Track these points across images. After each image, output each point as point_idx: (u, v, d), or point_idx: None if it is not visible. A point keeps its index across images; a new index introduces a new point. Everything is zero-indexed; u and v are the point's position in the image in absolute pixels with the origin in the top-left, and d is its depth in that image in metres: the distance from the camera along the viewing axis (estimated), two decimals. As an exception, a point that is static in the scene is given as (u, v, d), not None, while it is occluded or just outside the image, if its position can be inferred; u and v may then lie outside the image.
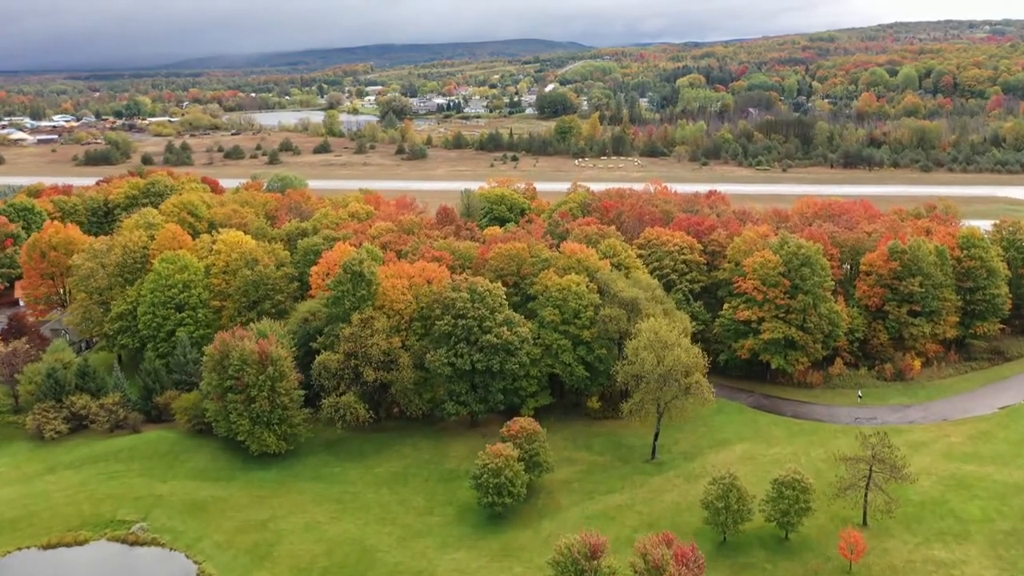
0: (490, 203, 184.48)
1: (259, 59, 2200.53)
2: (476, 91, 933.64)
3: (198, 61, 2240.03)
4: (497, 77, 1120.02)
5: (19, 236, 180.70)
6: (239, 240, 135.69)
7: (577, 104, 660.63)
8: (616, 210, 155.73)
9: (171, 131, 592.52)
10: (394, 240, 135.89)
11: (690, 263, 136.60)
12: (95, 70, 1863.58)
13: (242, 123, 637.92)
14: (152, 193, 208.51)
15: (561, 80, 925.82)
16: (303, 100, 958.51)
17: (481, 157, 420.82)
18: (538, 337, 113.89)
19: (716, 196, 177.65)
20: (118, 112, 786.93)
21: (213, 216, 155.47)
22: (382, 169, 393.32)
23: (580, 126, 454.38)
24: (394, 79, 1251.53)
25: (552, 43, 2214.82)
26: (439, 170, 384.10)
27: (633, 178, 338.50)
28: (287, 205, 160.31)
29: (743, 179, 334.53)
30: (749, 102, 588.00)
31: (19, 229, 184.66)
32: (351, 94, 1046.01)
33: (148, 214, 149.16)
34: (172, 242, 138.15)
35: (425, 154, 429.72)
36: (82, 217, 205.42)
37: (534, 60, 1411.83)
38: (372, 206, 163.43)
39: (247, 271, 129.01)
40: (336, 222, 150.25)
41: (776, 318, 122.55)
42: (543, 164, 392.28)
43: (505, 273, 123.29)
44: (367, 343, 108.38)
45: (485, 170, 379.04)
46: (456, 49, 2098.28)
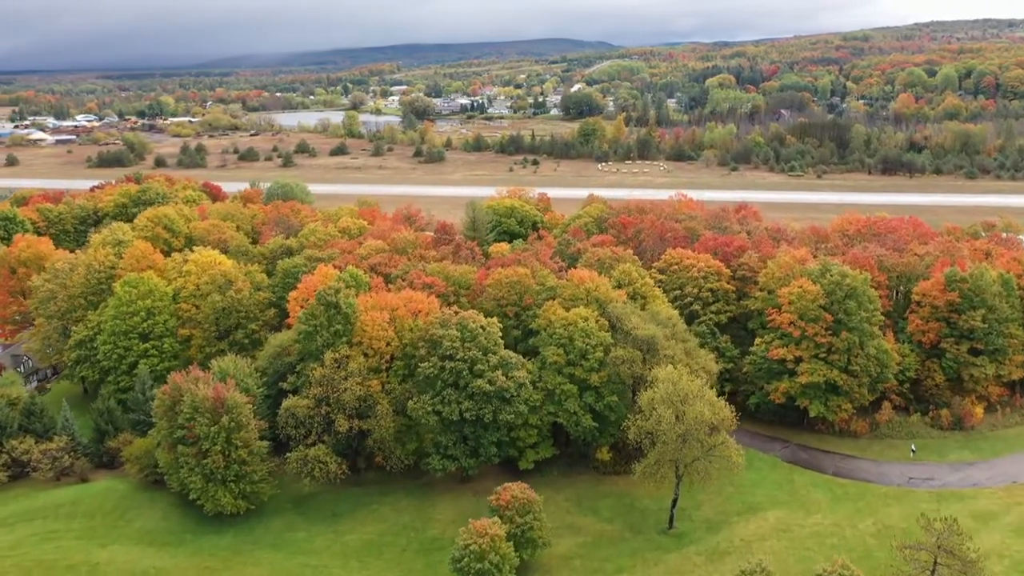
0: (498, 216, 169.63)
1: (290, 58, 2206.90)
2: (501, 91, 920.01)
3: (230, 60, 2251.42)
4: (523, 77, 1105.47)
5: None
6: (212, 260, 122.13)
7: (603, 105, 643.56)
8: (634, 227, 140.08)
9: (190, 132, 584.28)
10: (384, 262, 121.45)
11: (717, 291, 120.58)
12: (128, 69, 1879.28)
13: (261, 124, 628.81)
14: (142, 202, 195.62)
15: (588, 80, 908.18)
16: (327, 100, 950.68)
17: (501, 160, 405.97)
18: (539, 380, 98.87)
19: (747, 211, 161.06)
20: (141, 112, 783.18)
21: (192, 231, 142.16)
22: (397, 173, 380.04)
23: (604, 128, 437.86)
24: (420, 79, 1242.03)
25: (581, 42, 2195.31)
26: (456, 174, 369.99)
27: (658, 184, 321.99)
28: (275, 219, 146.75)
29: (775, 186, 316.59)
30: (781, 103, 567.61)
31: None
32: (375, 94, 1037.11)
33: (118, 229, 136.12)
34: (141, 261, 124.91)
35: (443, 157, 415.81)
36: (68, 227, 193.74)
37: (561, 60, 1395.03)
38: (367, 220, 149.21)
39: (217, 296, 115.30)
40: (324, 239, 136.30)
41: (816, 358, 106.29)
42: (564, 168, 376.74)
43: (505, 303, 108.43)
44: (340, 387, 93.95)
45: (503, 174, 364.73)
46: (484, 49, 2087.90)
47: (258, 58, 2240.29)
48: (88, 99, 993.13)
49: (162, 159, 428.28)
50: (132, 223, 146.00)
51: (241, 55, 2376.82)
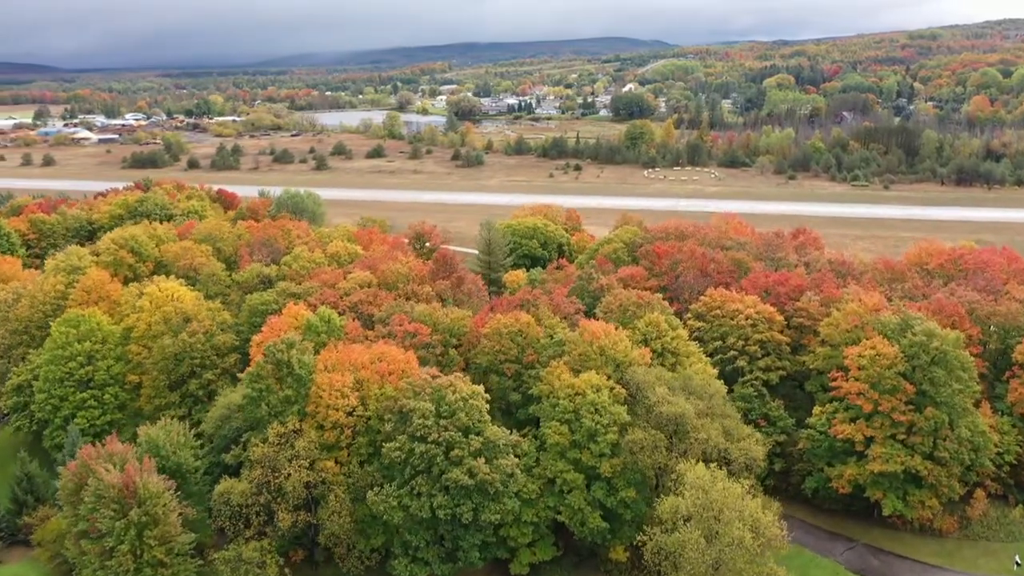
0: (518, 237, 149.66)
1: (346, 57, 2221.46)
2: (550, 91, 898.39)
3: (289, 59, 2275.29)
4: (575, 76, 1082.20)
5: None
6: (170, 294, 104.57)
7: (654, 106, 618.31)
8: (671, 259, 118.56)
9: (232, 132, 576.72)
10: (367, 300, 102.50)
11: (767, 343, 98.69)
12: (188, 68, 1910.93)
13: (304, 124, 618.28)
14: (139, 213, 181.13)
15: (640, 80, 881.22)
16: (374, 100, 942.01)
17: (541, 165, 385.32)
18: (537, 463, 78.79)
19: (805, 236, 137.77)
20: (188, 111, 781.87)
21: (163, 255, 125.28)
22: (431, 178, 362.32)
23: (652, 131, 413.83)
24: (470, 78, 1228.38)
25: (636, 41, 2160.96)
26: (493, 180, 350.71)
27: (708, 194, 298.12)
28: (260, 240, 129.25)
29: (836, 198, 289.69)
30: (843, 105, 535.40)
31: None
32: (424, 93, 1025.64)
33: (73, 253, 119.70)
34: (93, 293, 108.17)
35: (482, 161, 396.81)
36: (59, 240, 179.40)
37: (615, 59, 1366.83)
38: (361, 245, 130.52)
39: (167, 340, 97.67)
40: (309, 268, 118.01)
41: (892, 440, 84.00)
42: (608, 174, 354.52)
43: (504, 358, 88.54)
44: (283, 470, 75.12)
45: (543, 180, 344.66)
46: (538, 48, 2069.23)
47: (317, 57, 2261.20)
48: (143, 97, 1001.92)
49: (195, 160, 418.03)
50: (95, 245, 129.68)
51: (300, 54, 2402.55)
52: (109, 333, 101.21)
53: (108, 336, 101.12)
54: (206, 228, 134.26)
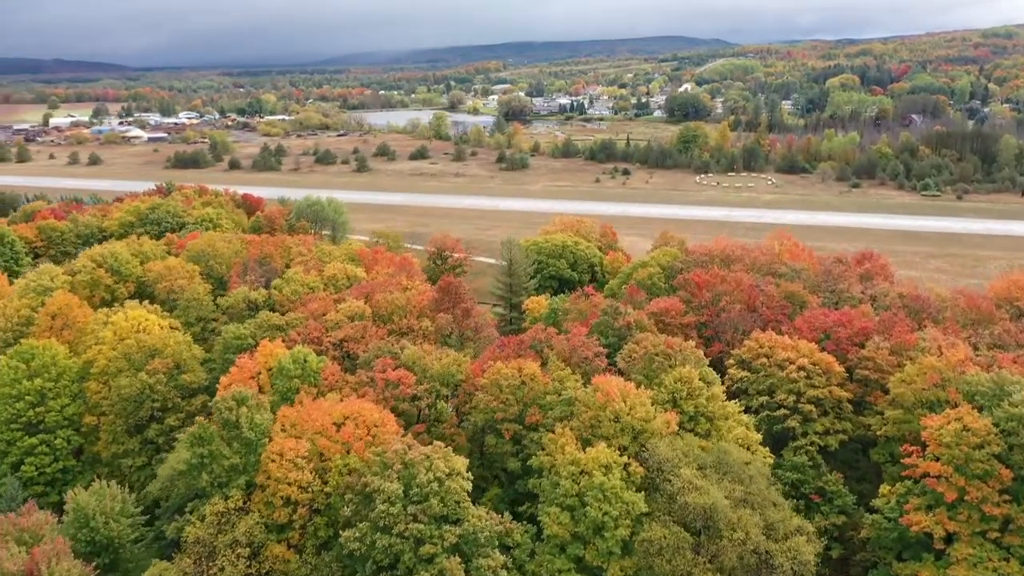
0: (545, 257, 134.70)
1: (404, 56, 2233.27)
2: (604, 91, 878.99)
3: (348, 58, 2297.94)
4: (630, 76, 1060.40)
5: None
6: (137, 323, 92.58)
7: (711, 107, 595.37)
8: (713, 290, 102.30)
9: (279, 131, 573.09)
10: (354, 336, 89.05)
11: (824, 401, 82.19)
12: (250, 66, 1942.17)
13: (351, 123, 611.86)
14: (150, 221, 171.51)
15: (697, 80, 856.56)
16: (426, 99, 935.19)
17: (588, 169, 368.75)
18: (532, 556, 64.12)
19: (872, 263, 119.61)
20: (241, 110, 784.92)
21: (145, 274, 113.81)
22: (472, 181, 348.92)
23: (707, 134, 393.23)
24: (524, 77, 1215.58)
25: (695, 40, 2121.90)
26: (536, 184, 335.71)
27: (763, 202, 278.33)
28: (256, 257, 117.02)
29: (905, 209, 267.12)
30: (911, 107, 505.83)
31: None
32: (476, 93, 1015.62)
33: (46, 272, 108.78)
34: (58, 319, 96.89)
35: (526, 164, 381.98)
36: (70, 247, 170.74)
37: (672, 58, 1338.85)
38: (365, 265, 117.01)
39: (124, 379, 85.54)
40: (301, 292, 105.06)
41: (981, 537, 66.97)
42: (658, 180, 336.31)
43: (503, 417, 74.06)
44: (219, 559, 61.84)
45: (588, 186, 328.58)
46: (595, 47, 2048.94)
47: (375, 55, 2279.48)
48: (201, 96, 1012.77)
49: (237, 161, 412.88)
50: (71, 262, 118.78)
51: (360, 52, 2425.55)
52: (66, 368, 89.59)
53: (65, 371, 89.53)
54: (200, 243, 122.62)
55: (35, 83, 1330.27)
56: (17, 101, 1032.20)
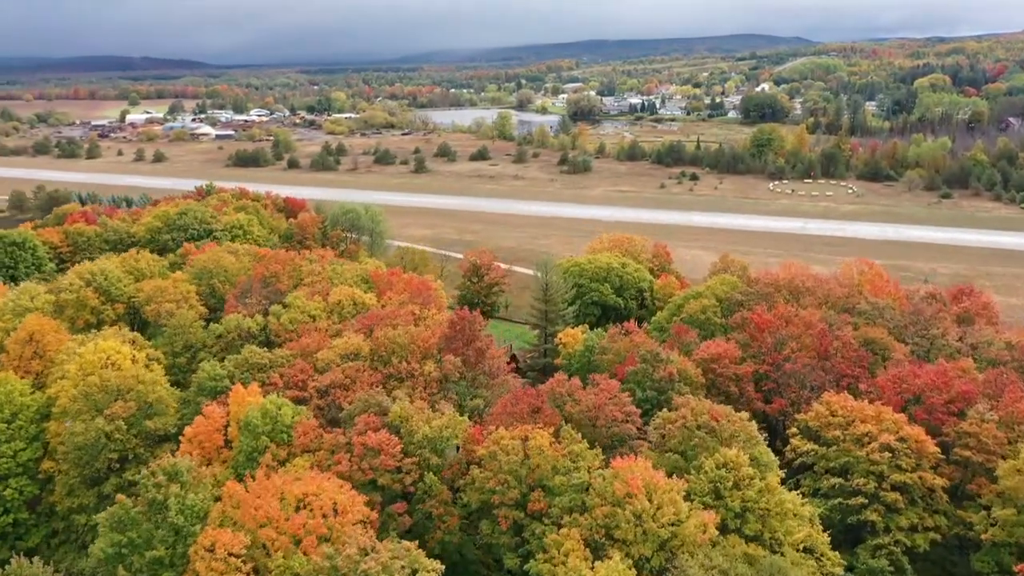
0: (587, 280, 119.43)
1: (479, 54, 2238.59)
2: (677, 90, 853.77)
3: (424, 56, 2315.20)
4: (705, 75, 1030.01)
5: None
6: (106, 355, 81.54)
7: (788, 108, 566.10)
8: (776, 334, 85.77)
9: (343, 130, 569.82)
10: (343, 381, 75.99)
11: (911, 487, 65.37)
12: (327, 64, 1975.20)
13: (416, 122, 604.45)
14: (177, 227, 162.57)
15: (776, 79, 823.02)
16: (495, 98, 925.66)
17: (654, 173, 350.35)
18: None
19: (973, 300, 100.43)
20: (310, 107, 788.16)
21: (137, 293, 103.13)
22: (531, 185, 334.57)
23: (782, 137, 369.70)
24: (596, 76, 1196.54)
25: (775, 38, 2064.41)
26: (597, 189, 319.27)
27: (842, 213, 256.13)
28: (260, 277, 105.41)
29: (1003, 224, 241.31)
30: (1009, 110, 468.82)
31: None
32: (547, 92, 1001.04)
33: (27, 291, 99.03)
34: (27, 347, 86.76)
35: (589, 167, 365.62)
36: (96, 253, 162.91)
37: (750, 57, 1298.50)
38: (378, 288, 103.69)
39: (79, 422, 74.43)
40: (302, 320, 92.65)
41: None
42: (728, 186, 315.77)
43: (501, 500, 59.91)
44: None
45: (652, 191, 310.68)
46: (671, 45, 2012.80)
47: (451, 54, 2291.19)
48: (275, 93, 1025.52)
49: (296, 160, 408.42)
50: (57, 279, 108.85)
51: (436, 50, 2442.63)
52: (23, 406, 79.11)
53: (22, 409, 79.12)
54: (204, 259, 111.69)
55: (122, 80, 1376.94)
56: (102, 97, 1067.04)
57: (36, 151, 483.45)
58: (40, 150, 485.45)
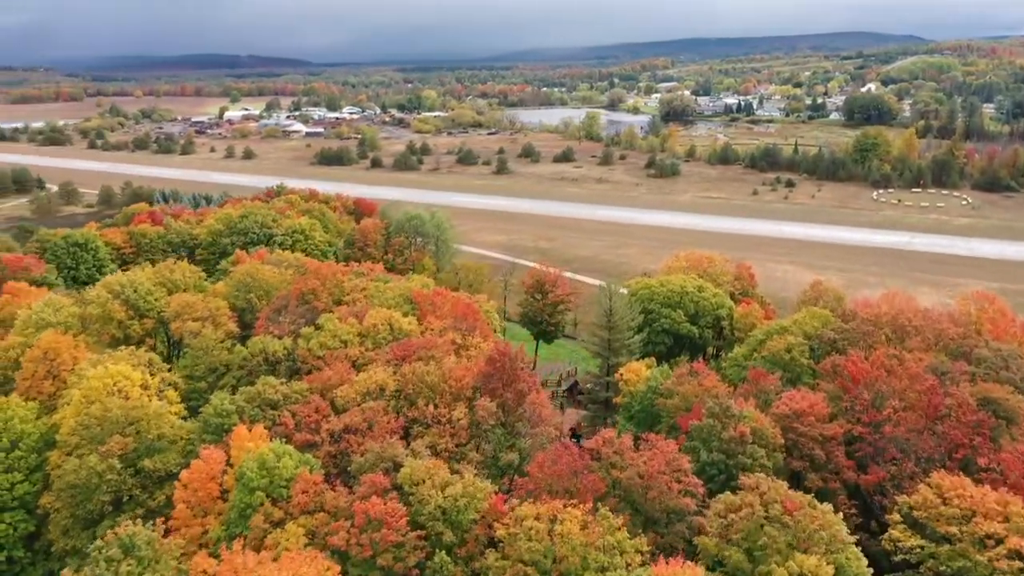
0: (657, 305, 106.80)
1: (574, 52, 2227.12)
2: (776, 90, 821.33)
3: (519, 54, 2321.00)
4: (807, 75, 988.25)
5: (53, 285, 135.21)
6: (112, 381, 74.69)
7: (896, 110, 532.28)
8: (874, 387, 71.77)
9: (430, 128, 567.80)
10: (360, 425, 66.60)
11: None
12: (423, 62, 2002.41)
13: (503, 122, 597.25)
14: (237, 231, 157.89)
15: (883, 79, 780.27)
16: (586, 97, 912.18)
17: (747, 178, 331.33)
18: None
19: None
20: (401, 105, 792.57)
21: (168, 307, 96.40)
22: (615, 189, 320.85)
23: (889, 141, 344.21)
24: (692, 75, 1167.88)
25: (884, 36, 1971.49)
26: (685, 195, 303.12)
27: (955, 228, 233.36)
28: (298, 293, 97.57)
29: None
30: None
31: (57, 278, 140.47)
32: (640, 91, 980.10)
33: (52, 304, 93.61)
34: (40, 367, 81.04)
35: (677, 171, 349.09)
36: (159, 255, 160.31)
37: (856, 55, 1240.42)
38: (420, 311, 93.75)
39: (70, 463, 67.55)
40: (332, 345, 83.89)
41: None
42: (827, 194, 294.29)
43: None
44: None
45: (743, 198, 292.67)
46: (773, 43, 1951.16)
47: (546, 52, 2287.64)
48: (369, 91, 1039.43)
49: (379, 159, 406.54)
50: (85, 291, 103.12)
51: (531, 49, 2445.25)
52: (23, 434, 72.95)
53: (22, 437, 72.96)
54: (242, 271, 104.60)
55: (228, 78, 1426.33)
56: (207, 94, 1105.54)
57: (135, 146, 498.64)
58: (139, 146, 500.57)
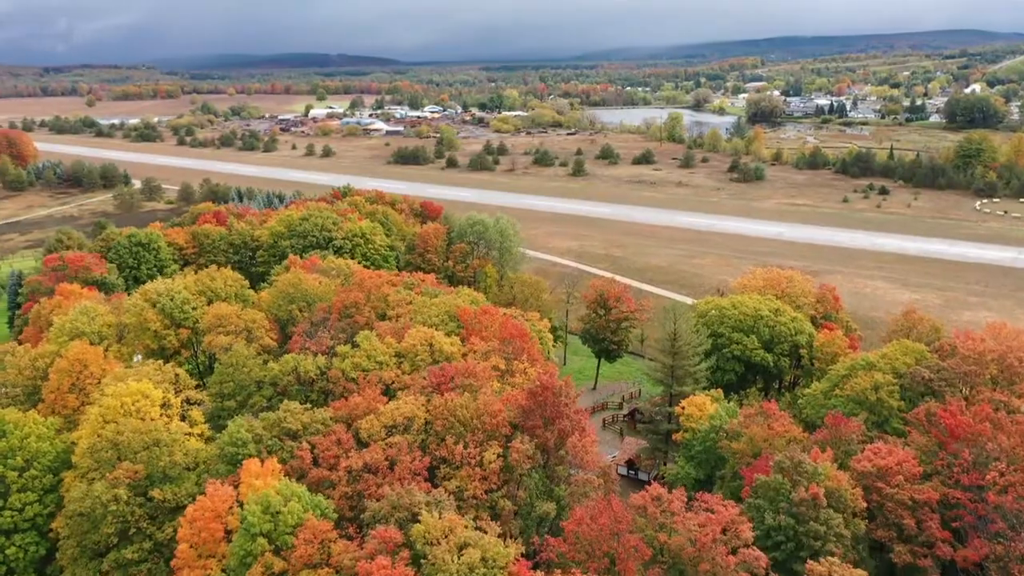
0: (728, 329, 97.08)
1: (661, 51, 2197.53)
2: (872, 91, 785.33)
3: (605, 52, 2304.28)
4: (906, 75, 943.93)
5: (113, 285, 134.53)
6: (131, 400, 70.41)
7: (1003, 112, 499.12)
8: (976, 443, 61.11)
9: (509, 128, 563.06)
10: (380, 464, 60.08)
11: None
12: (508, 60, 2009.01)
13: (583, 121, 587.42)
14: (297, 234, 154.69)
15: (989, 79, 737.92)
16: (670, 97, 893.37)
17: (837, 184, 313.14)
18: None
19: None
20: (482, 104, 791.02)
21: (202, 317, 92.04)
22: (694, 194, 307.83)
23: (995, 147, 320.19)
24: (782, 74, 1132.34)
25: (991, 34, 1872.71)
26: (768, 201, 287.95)
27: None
28: (340, 306, 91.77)
29: None
30: None
31: (118, 278, 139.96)
32: (727, 91, 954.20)
33: (87, 312, 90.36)
34: (65, 379, 77.71)
35: (762, 175, 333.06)
36: (221, 257, 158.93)
37: (960, 54, 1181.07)
38: (466, 329, 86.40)
39: (78, 488, 63.36)
40: (368, 366, 77.81)
41: None
42: (924, 203, 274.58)
43: None
44: None
45: (832, 206, 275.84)
46: (869, 41, 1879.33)
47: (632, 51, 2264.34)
48: (452, 90, 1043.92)
49: (454, 159, 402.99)
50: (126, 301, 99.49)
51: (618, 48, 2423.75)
52: (39, 453, 69.32)
53: (38, 456, 69.35)
54: (286, 281, 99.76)
55: (316, 76, 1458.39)
56: (296, 92, 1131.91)
57: (221, 143, 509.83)
58: (225, 143, 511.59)
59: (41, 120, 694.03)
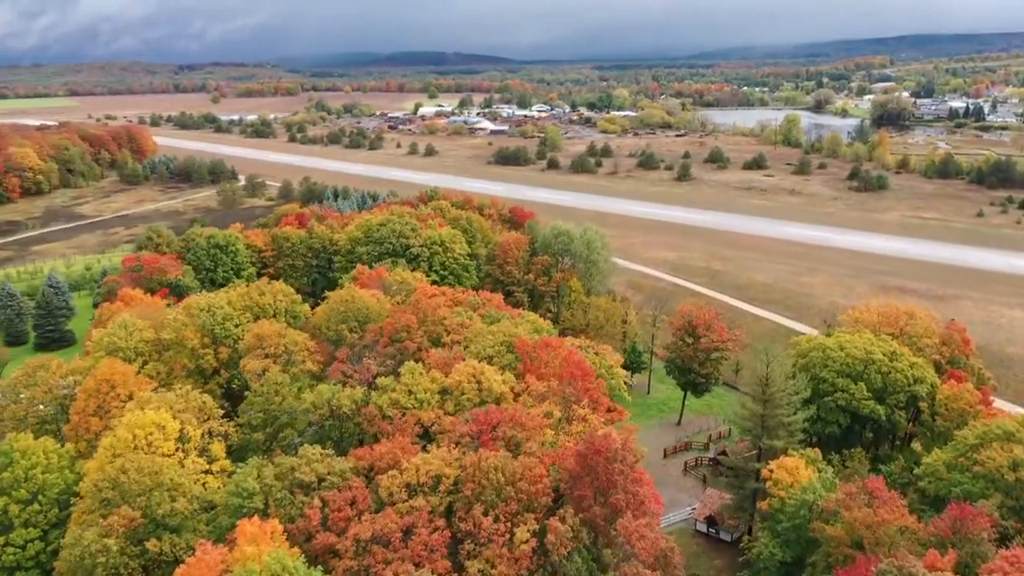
0: (832, 374, 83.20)
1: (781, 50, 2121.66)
2: (1014, 92, 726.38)
3: (723, 51, 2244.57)
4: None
5: (188, 288, 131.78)
6: (144, 432, 64.28)
7: None
8: None
9: (616, 128, 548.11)
10: (391, 535, 51.01)
11: None
12: (622, 59, 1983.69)
13: (694, 123, 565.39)
14: (373, 240, 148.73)
15: None
16: (788, 97, 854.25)
17: (971, 196, 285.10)
18: None
19: None
20: (591, 104, 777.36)
21: (242, 335, 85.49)
22: (808, 203, 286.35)
23: None
24: (913, 74, 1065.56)
25: None
26: (890, 213, 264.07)
27: None
28: (390, 329, 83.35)
29: None
30: None
31: (194, 280, 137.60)
32: (850, 91, 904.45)
33: (125, 327, 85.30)
34: (90, 400, 72.66)
35: (885, 184, 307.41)
36: (299, 261, 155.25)
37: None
38: (523, 364, 75.61)
39: (72, 534, 57.33)
40: (406, 404, 69.26)
41: None
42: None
43: None
44: None
45: (965, 220, 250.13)
46: (1013, 40, 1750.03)
47: (751, 50, 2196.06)
48: (562, 89, 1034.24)
49: (555, 160, 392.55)
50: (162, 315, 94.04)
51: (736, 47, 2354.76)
52: (47, 485, 64.01)
53: (46, 487, 64.10)
54: (339, 297, 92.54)
55: (432, 74, 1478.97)
56: (409, 90, 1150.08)
57: (329, 141, 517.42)
58: (333, 140, 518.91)
59: (168, 116, 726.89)
